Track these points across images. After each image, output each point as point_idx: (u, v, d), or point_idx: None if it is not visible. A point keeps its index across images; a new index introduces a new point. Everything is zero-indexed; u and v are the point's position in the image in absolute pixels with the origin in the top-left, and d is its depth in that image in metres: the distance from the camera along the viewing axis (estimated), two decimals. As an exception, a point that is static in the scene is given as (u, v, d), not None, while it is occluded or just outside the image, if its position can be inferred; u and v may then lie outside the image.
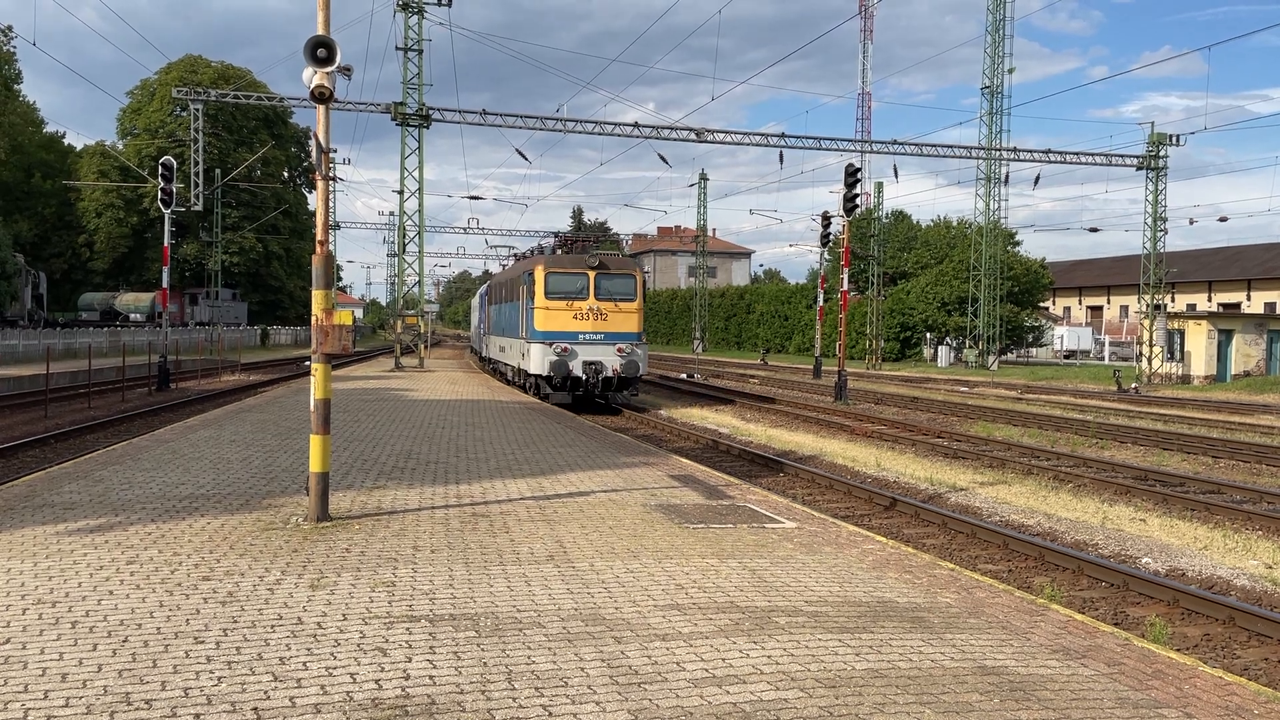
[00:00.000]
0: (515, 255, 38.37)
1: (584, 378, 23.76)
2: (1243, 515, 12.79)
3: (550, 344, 23.69)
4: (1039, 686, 5.20)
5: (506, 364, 30.26)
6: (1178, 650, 7.04)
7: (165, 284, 30.88)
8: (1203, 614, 8.51)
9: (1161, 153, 43.97)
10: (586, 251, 26.06)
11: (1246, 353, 43.17)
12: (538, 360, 23.94)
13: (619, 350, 23.95)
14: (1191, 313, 51.79)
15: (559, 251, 27.40)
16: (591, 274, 24.08)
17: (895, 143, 43.81)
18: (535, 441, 15.22)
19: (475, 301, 54.24)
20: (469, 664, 5.25)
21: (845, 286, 32.46)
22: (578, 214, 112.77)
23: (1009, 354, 60.98)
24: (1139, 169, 44.11)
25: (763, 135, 42.40)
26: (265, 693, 4.77)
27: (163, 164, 29.45)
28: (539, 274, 24.12)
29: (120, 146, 70.18)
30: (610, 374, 23.85)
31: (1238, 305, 67.68)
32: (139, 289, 67.59)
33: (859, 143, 48.93)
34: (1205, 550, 11.04)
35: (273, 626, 5.79)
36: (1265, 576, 9.87)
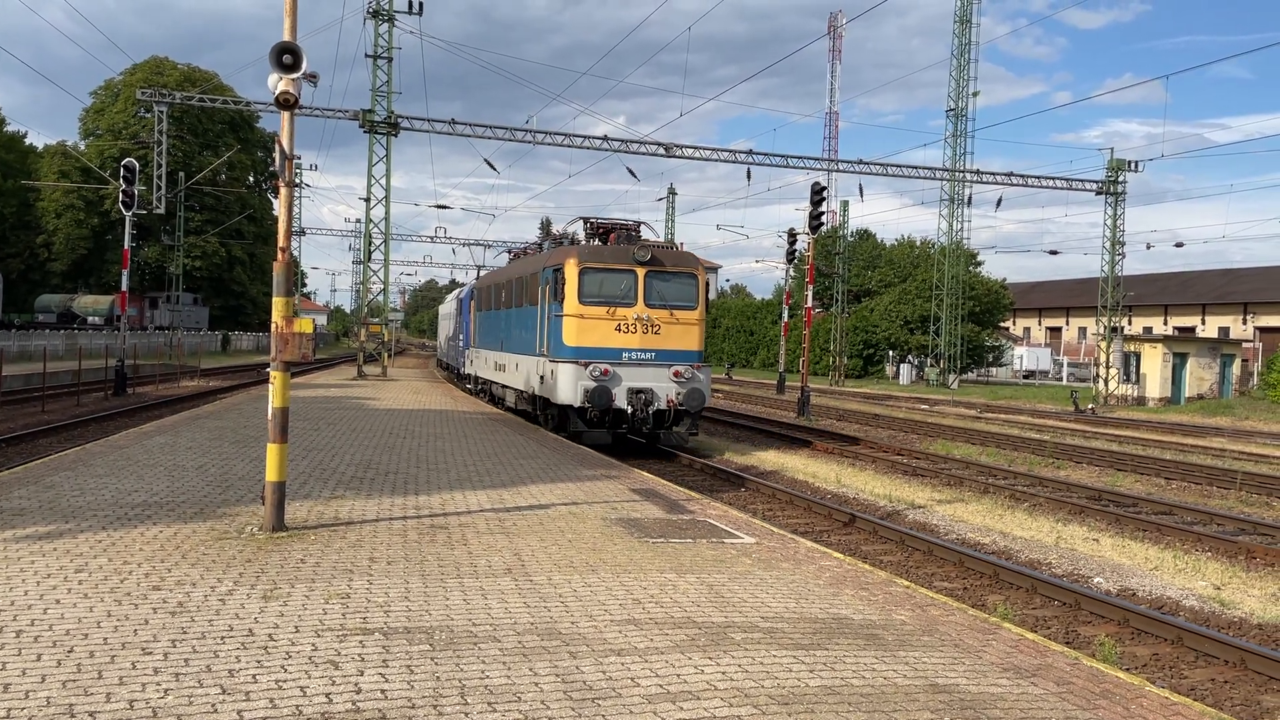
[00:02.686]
0: (513, 251, 30.44)
1: (630, 410, 18.03)
2: (1193, 536, 13.01)
3: (585, 364, 17.84)
4: (989, 705, 5.25)
5: (507, 387, 24.17)
6: (1126, 670, 7.14)
7: (125, 287, 30.48)
8: (1152, 634, 8.64)
9: (1121, 178, 44.76)
10: (631, 241, 19.70)
11: (1200, 376, 43.97)
12: (567, 386, 17.97)
13: (675, 374, 18.22)
14: (1147, 336, 52.69)
15: (593, 241, 20.59)
16: (640, 272, 18.36)
17: (861, 162, 44.22)
18: (497, 453, 15.16)
19: (447, 308, 47.48)
20: (422, 678, 5.21)
21: (810, 303, 32.70)
22: (546, 225, 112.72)
23: (969, 373, 61.64)
24: (1099, 193, 44.88)
25: (731, 152, 42.64)
26: (213, 705, 4.70)
27: (125, 166, 29.08)
28: (570, 270, 18.20)
29: (82, 147, 69.22)
30: (664, 405, 18.20)
31: (1192, 329, 68.92)
32: (98, 291, 66.64)
33: (826, 161, 49.37)
34: (1156, 571, 11.21)
35: (223, 638, 5.71)
36: (1213, 597, 10.04)
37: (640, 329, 18.28)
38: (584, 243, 20.44)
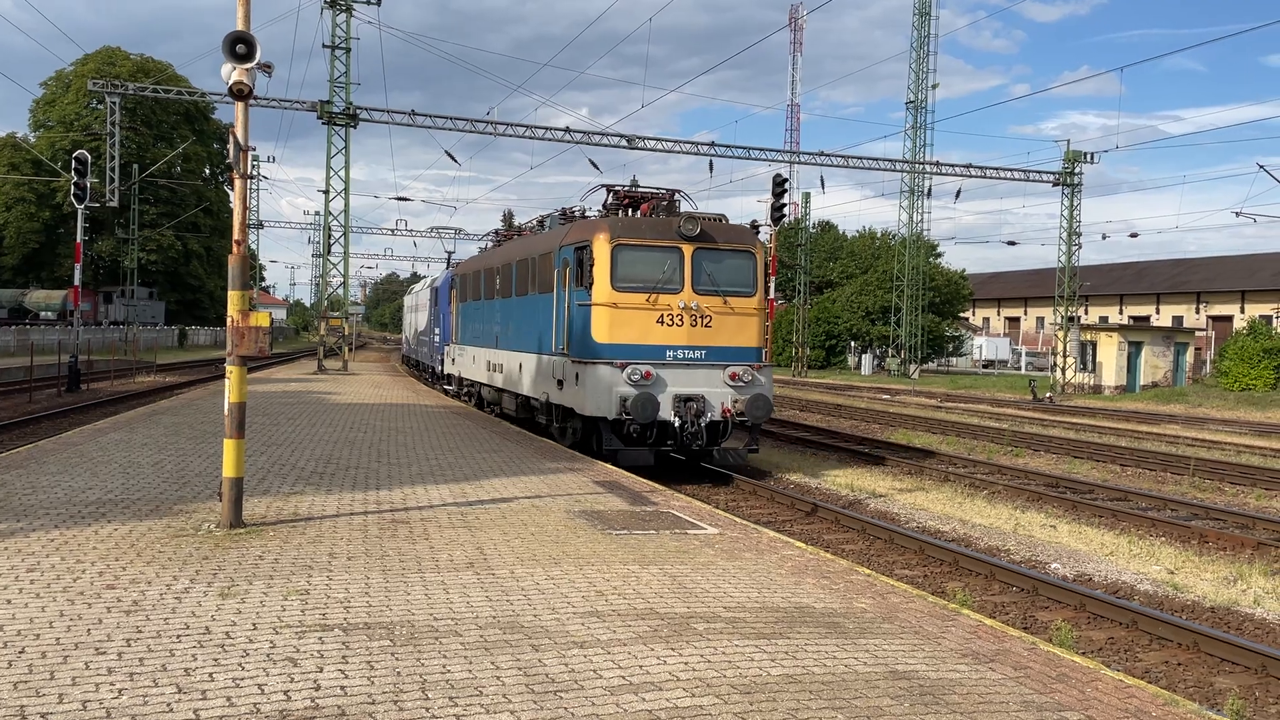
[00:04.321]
0: (498, 234, 25.94)
1: (677, 422, 14.54)
2: (1148, 522, 13.24)
3: (621, 366, 14.36)
4: (948, 690, 5.31)
5: (502, 391, 20.51)
6: (1082, 654, 7.26)
7: (77, 281, 29.95)
8: (1108, 618, 8.78)
9: (1077, 170, 45.34)
10: (671, 212, 16.13)
11: (1154, 364, 44.73)
12: (598, 393, 14.42)
13: (732, 377, 14.82)
14: (1103, 325, 53.52)
15: (627, 212, 16.81)
16: (687, 250, 14.88)
17: (823, 154, 44.40)
18: (459, 446, 15.08)
19: (415, 299, 42.07)
20: (382, 673, 5.17)
21: (772, 295, 32.86)
22: (508, 217, 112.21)
23: (930, 363, 62.28)
24: (1055, 185, 45.44)
25: (693, 144, 42.65)
26: (168, 705, 4.63)
27: (76, 158, 28.53)
28: (601, 247, 14.73)
29: (33, 139, 67.78)
30: (719, 415, 14.76)
31: (1147, 318, 70.10)
32: (50, 286, 65.34)
33: (788, 153, 49.47)
34: (1111, 556, 11.40)
35: (179, 636, 5.63)
36: (1168, 581, 10.23)
37: (688, 321, 14.85)
38: (616, 213, 16.66)
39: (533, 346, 17.81)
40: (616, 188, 17.31)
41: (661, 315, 14.76)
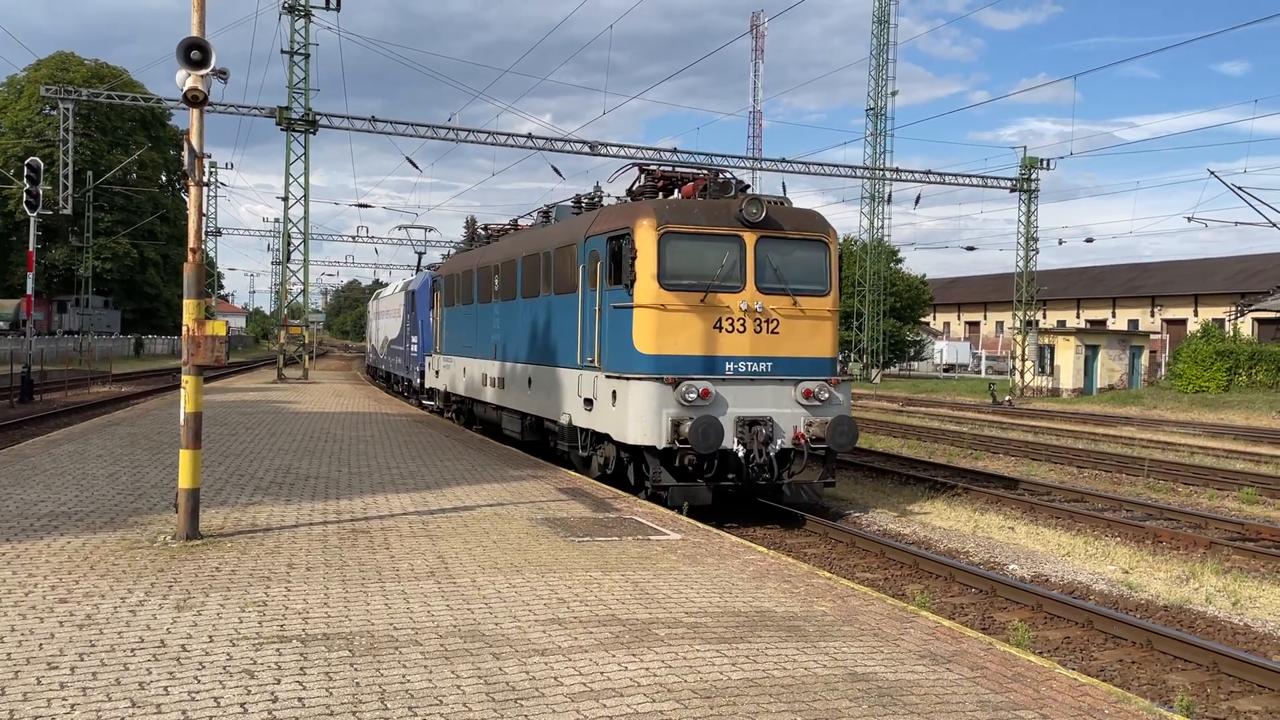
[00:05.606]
0: (482, 233, 22.95)
1: (742, 452, 11.98)
2: (1103, 523, 13.45)
3: (673, 382, 11.81)
4: (906, 691, 5.37)
5: (506, 410, 17.66)
6: (1038, 654, 7.36)
7: (30, 290, 29.42)
8: (1064, 618, 8.91)
9: (1034, 176, 46.04)
10: (727, 192, 13.22)
11: (1111, 367, 45.47)
12: (644, 416, 11.87)
13: (806, 394, 12.32)
14: (1061, 329, 54.33)
15: (673, 194, 14.24)
16: (750, 239, 12.39)
17: (785, 160, 44.73)
18: (421, 455, 14.99)
19: (384, 304, 38.06)
20: (341, 684, 5.14)
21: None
22: (471, 224, 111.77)
23: (891, 367, 62.82)
24: (1013, 191, 46.09)
25: (656, 150, 42.74)
26: (122, 719, 4.57)
27: (29, 165, 28.03)
28: (645, 235, 12.17)
29: (-17, 145, 66.49)
30: (791, 441, 12.25)
31: (1103, 322, 71.20)
32: (2, 295, 64.06)
33: (750, 160, 49.80)
34: (1068, 556, 11.57)
35: (133, 650, 5.55)
36: (1122, 581, 10.40)
37: (750, 326, 12.35)
38: (651, 193, 14.08)
39: (547, 358, 15.19)
40: (651, 167, 14.71)
41: (719, 319, 12.26)
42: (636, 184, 14.42)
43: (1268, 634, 8.69)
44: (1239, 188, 35.86)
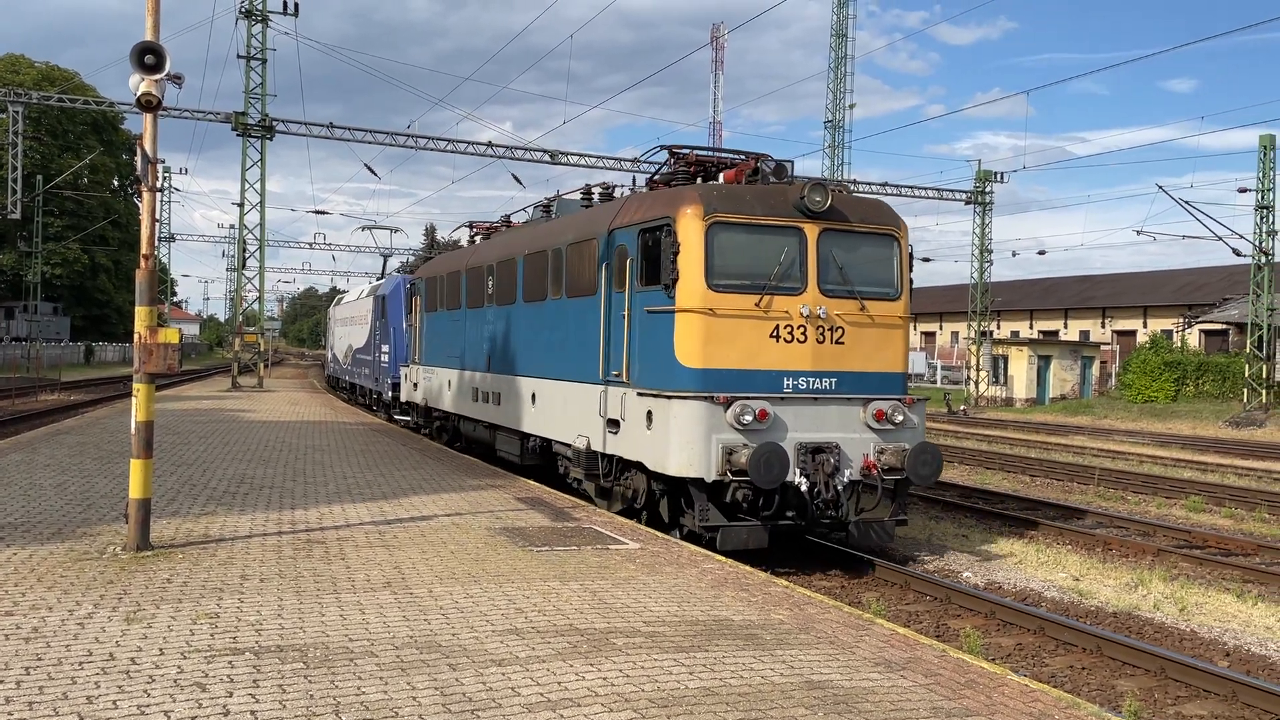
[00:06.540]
0: (474, 227, 20.00)
1: (805, 485, 10.11)
2: (1055, 530, 13.67)
3: (723, 401, 9.94)
4: (861, 698, 5.42)
5: (501, 430, 15.74)
6: (991, 660, 7.46)
7: (-25, 296, 28.78)
8: (1016, 625, 9.04)
9: (988, 188, 46.74)
10: (782, 177, 11.27)
11: (1063, 377, 46.25)
12: (689, 442, 9.96)
13: (878, 416, 10.57)
14: (1014, 339, 55.15)
15: (718, 178, 11.93)
16: (811, 232, 10.56)
17: (743, 171, 44.94)
18: (378, 464, 14.87)
19: (349, 310, 34.83)
20: (294, 697, 5.08)
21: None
22: (430, 232, 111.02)
23: (850, 377, 63.20)
24: (968, 203, 46.74)
25: (616, 159, 42.79)
26: (69, 735, 4.49)
27: (-25, 168, 27.46)
28: (689, 225, 10.26)
29: (-72, 147, 65.01)
30: (860, 472, 10.45)
31: (1056, 333, 72.36)
32: (-53, 301, 62.67)
33: (709, 170, 50.02)
34: (1020, 564, 11.73)
35: (81, 663, 5.45)
36: (1073, 588, 10.57)
37: (813, 335, 10.50)
38: (687, 177, 12.11)
39: (557, 371, 13.21)
40: (683, 150, 12.41)
41: (776, 327, 10.36)
42: (657, 174, 12.54)
43: (1214, 639, 8.87)
44: (1186, 202, 36.68)
